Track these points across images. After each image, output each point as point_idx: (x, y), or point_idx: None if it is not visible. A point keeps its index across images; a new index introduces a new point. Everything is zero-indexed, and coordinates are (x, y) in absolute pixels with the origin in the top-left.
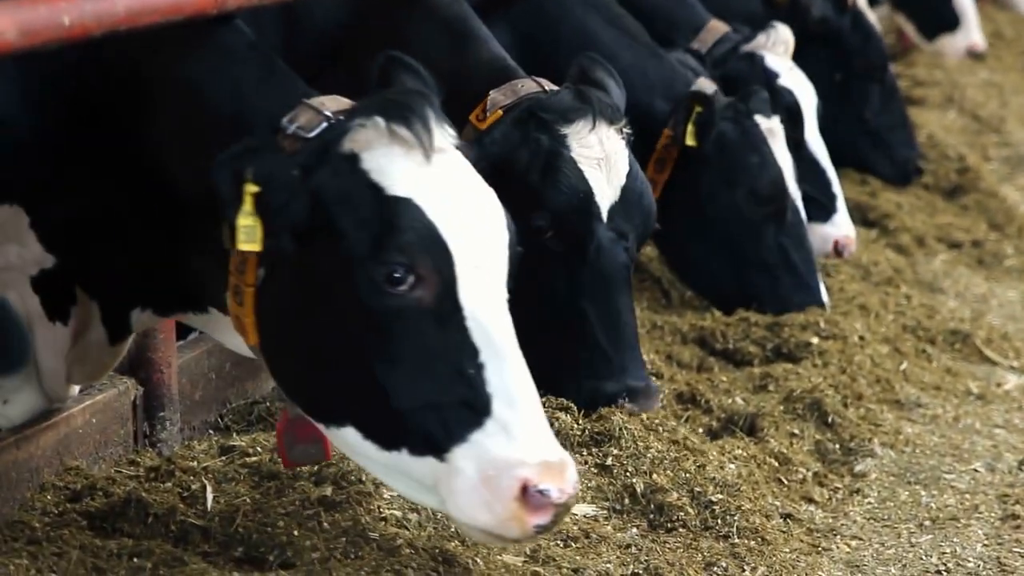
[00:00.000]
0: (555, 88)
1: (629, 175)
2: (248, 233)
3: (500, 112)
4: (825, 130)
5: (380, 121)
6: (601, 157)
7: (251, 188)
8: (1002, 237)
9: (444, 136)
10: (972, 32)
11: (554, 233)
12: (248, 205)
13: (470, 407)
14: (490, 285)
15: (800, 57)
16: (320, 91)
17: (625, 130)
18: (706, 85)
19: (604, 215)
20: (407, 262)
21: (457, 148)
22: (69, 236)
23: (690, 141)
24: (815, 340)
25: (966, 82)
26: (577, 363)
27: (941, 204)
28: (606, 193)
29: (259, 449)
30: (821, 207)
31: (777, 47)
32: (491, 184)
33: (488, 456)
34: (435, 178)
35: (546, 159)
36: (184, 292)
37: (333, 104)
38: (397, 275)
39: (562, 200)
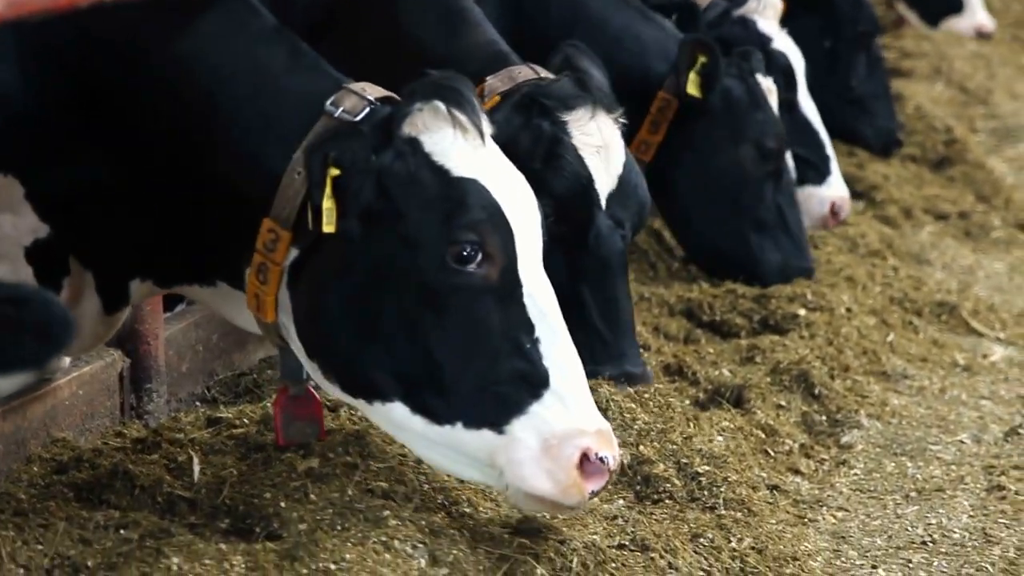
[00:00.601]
0: (549, 75)
1: (625, 165)
2: (329, 215)
3: (498, 98)
4: (812, 96)
5: (440, 105)
6: (600, 145)
7: (333, 171)
8: (989, 209)
9: (488, 121)
10: (978, 12)
11: (555, 218)
12: (328, 188)
13: (528, 380)
14: (537, 262)
15: (791, 23)
16: None
17: (620, 120)
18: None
19: (603, 202)
20: (477, 240)
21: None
22: (68, 207)
23: (692, 90)
24: (802, 312)
25: (954, 54)
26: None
27: (928, 176)
28: (604, 181)
29: (246, 421)
30: (816, 169)
31: (767, 11)
32: None
33: (549, 427)
34: (489, 160)
35: (548, 145)
36: (194, 265)
37: (371, 90)
38: (466, 253)
39: (564, 186)
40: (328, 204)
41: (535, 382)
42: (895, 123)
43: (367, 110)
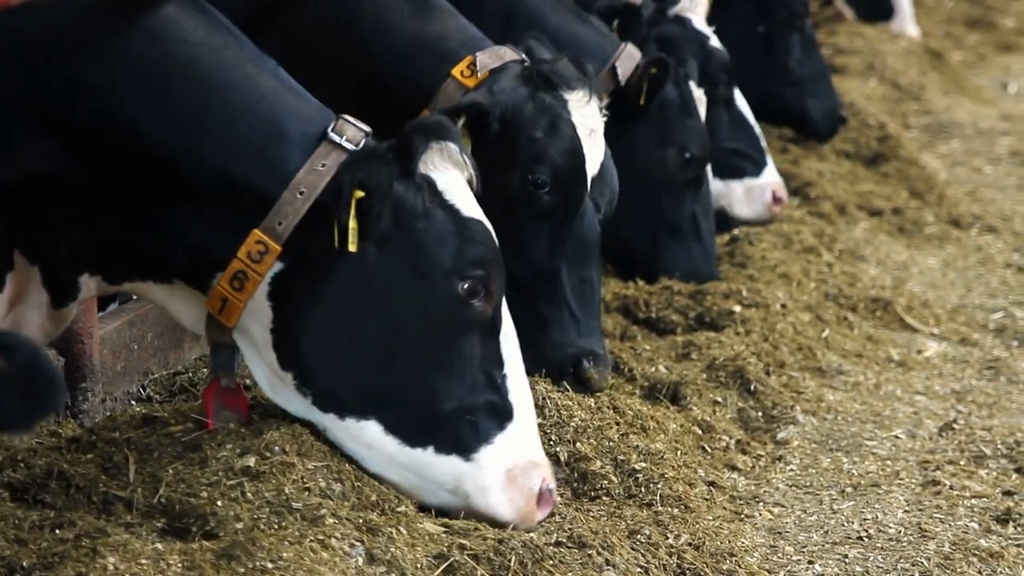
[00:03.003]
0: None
1: (605, 152)
2: (353, 235)
3: (487, 73)
4: (751, 83)
5: (453, 147)
6: (593, 128)
7: (358, 193)
8: (922, 205)
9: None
10: (907, 24)
11: (549, 189)
12: (353, 209)
13: (497, 412)
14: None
15: (724, 10)
16: None
17: (604, 111)
18: (633, 51)
19: (589, 184)
20: (484, 276)
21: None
22: (17, 201)
23: (643, 101)
24: (737, 308)
25: (887, 50)
26: (546, 320)
27: (862, 172)
28: (592, 163)
29: (181, 419)
30: (753, 162)
31: (698, 8)
32: (497, 138)
33: (512, 457)
34: (473, 199)
35: (550, 118)
36: (156, 265)
37: (358, 123)
38: (475, 288)
39: (563, 159)
40: (353, 224)
41: (502, 414)
42: (836, 101)
43: (363, 140)
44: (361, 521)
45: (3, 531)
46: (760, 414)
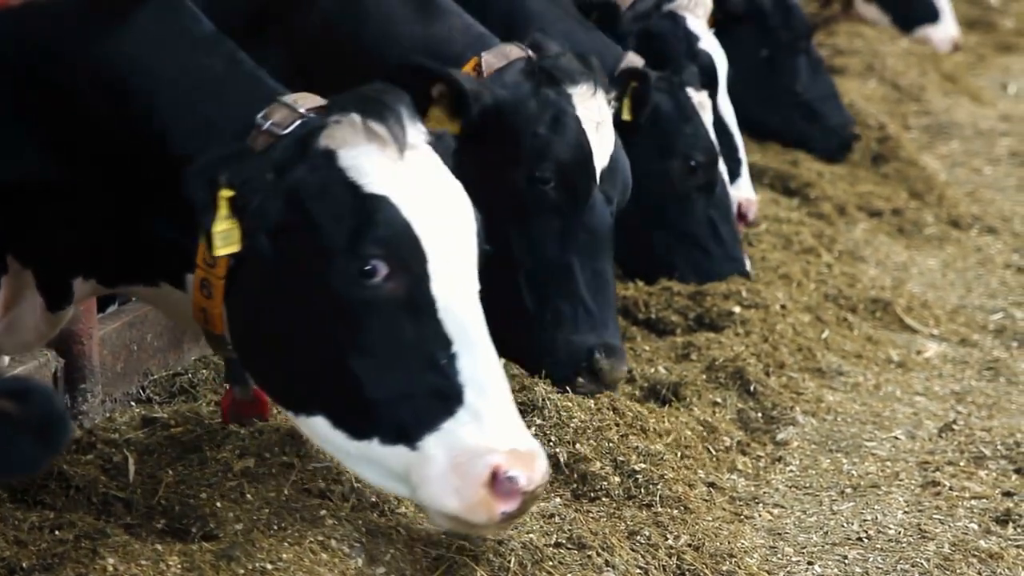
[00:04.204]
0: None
1: (615, 144)
2: (225, 238)
3: (494, 72)
4: (759, 108)
5: (356, 118)
6: (599, 121)
7: (226, 193)
8: (922, 205)
9: (417, 133)
10: (952, 25)
11: (555, 185)
12: (224, 209)
13: (442, 396)
14: (462, 277)
15: (725, 37)
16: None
17: (613, 102)
18: (635, 59)
19: (598, 177)
20: (382, 256)
21: (428, 143)
22: (11, 204)
23: (626, 116)
24: (737, 309)
25: (886, 51)
26: (557, 318)
27: (862, 173)
28: (600, 156)
29: (181, 420)
30: (727, 171)
31: (697, 9)
32: (494, 132)
33: (459, 444)
34: (408, 175)
35: (555, 113)
36: (140, 266)
37: (306, 101)
38: (369, 268)
39: (568, 154)
40: (225, 225)
41: (449, 398)
42: (847, 119)
43: (296, 123)
44: (361, 522)
45: (3, 532)
46: (760, 415)
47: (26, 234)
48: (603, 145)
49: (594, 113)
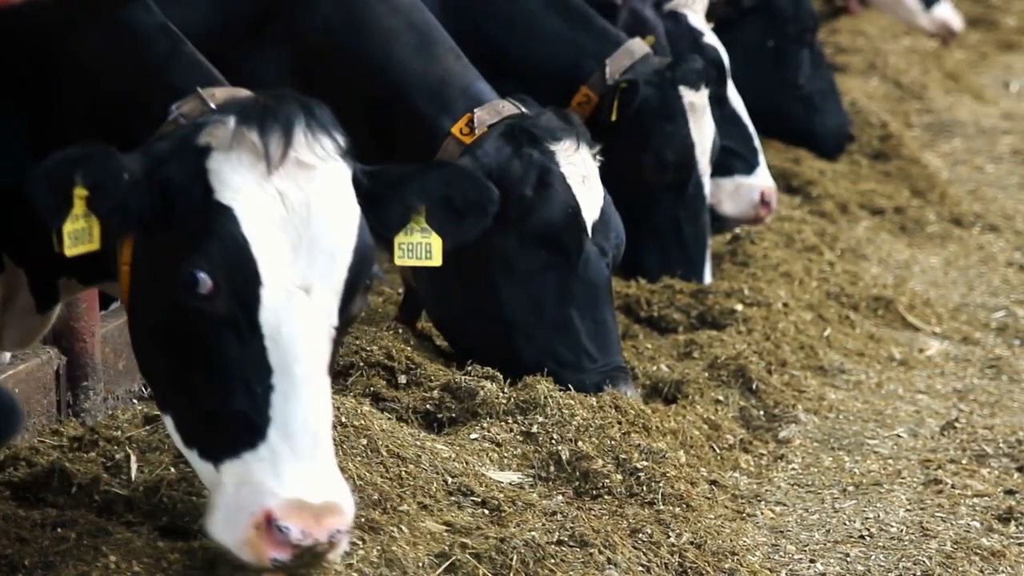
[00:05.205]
0: (527, 109)
1: (604, 197)
2: (77, 237)
3: (486, 129)
4: (762, 98)
5: (231, 122)
6: (585, 175)
7: (81, 192)
8: (924, 203)
9: (314, 149)
10: (950, 12)
11: (545, 245)
12: (79, 209)
13: (249, 427)
14: (309, 310)
15: (733, 27)
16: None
17: (598, 157)
18: (638, 45)
19: (589, 230)
20: (207, 270)
21: (342, 161)
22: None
23: (612, 117)
24: (739, 307)
25: (888, 49)
26: (564, 364)
27: (864, 171)
28: (589, 210)
29: None
30: (744, 160)
31: (696, 5)
32: None
33: (247, 478)
34: (275, 192)
35: (539, 173)
36: (100, 263)
37: (223, 95)
38: (193, 281)
39: (555, 213)
40: (79, 224)
41: (255, 430)
42: (845, 119)
43: (205, 115)
44: (362, 519)
45: (5, 530)
46: (762, 413)
47: (16, 233)
48: (591, 199)
49: (579, 168)
